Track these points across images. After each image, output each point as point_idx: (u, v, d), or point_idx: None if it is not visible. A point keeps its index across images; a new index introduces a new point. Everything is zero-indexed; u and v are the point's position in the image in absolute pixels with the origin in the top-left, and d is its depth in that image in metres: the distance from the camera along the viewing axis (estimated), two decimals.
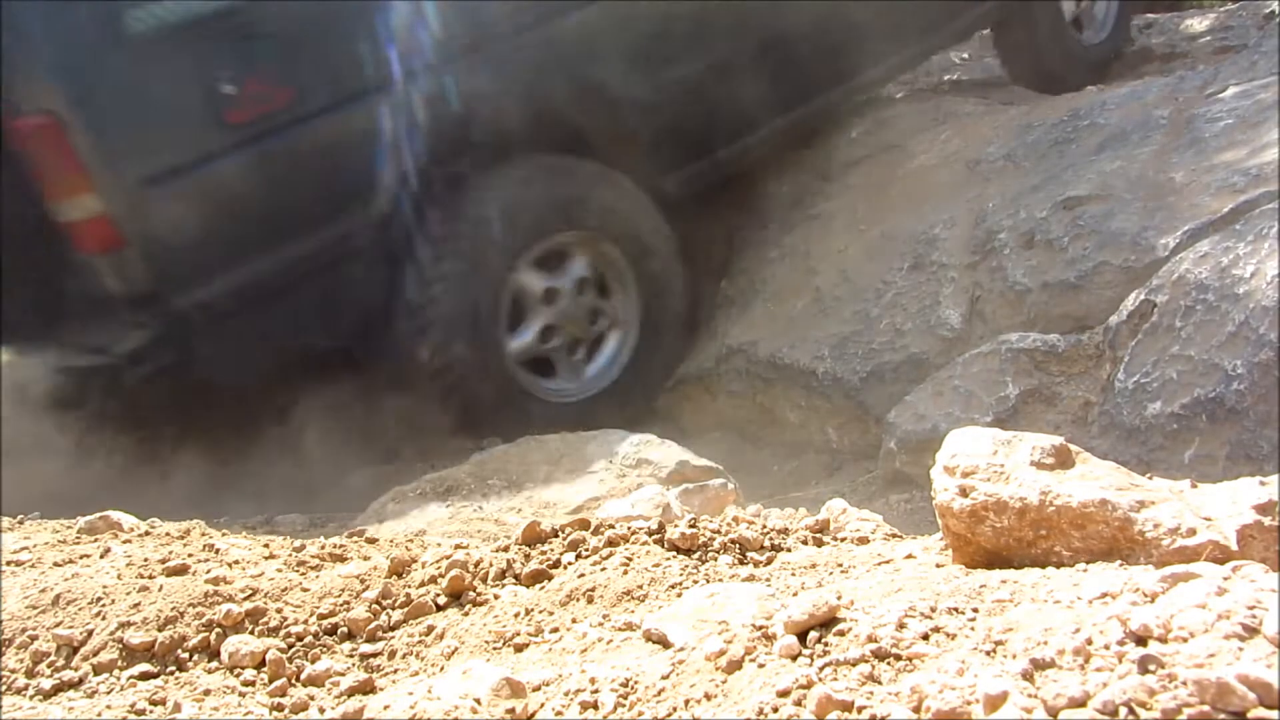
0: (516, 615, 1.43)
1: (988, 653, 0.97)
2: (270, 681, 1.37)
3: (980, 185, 3.50)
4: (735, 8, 3.84)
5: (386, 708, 1.19)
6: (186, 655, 1.43)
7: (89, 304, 3.12)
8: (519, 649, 1.35)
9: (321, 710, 1.27)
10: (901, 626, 1.04)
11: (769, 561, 1.54)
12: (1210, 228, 2.68)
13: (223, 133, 3.02)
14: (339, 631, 1.48)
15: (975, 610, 1.08)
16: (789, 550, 1.58)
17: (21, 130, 2.90)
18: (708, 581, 1.43)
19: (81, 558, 1.76)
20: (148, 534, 1.93)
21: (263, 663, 1.40)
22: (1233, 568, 1.02)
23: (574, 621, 1.38)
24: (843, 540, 1.63)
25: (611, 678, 1.12)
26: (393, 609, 1.51)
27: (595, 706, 1.08)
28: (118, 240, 2.94)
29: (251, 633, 1.47)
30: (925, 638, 1.02)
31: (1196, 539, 1.15)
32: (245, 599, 1.53)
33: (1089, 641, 0.91)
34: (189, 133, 3.01)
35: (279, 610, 1.51)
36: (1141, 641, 0.90)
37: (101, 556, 1.75)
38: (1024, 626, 1.00)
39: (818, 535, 1.66)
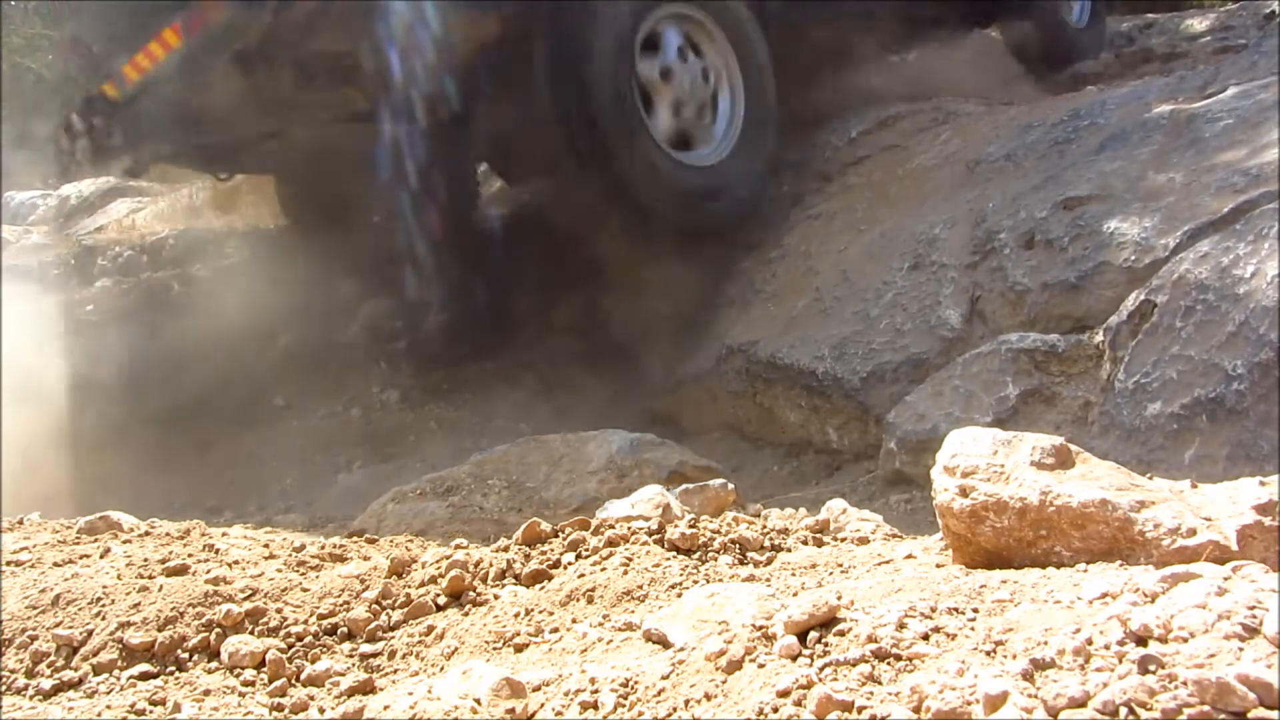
0: (516, 615, 1.43)
1: (988, 653, 0.97)
2: (270, 681, 1.37)
3: (980, 185, 3.50)
4: None
5: (386, 708, 1.19)
6: (186, 655, 1.43)
7: None
8: (519, 649, 1.34)
9: (321, 710, 1.27)
10: (901, 627, 1.04)
11: (769, 561, 1.54)
12: (1210, 228, 2.68)
13: None
14: (339, 631, 1.48)
15: (975, 610, 1.08)
16: (789, 550, 1.58)
17: None
18: (708, 581, 1.43)
19: (81, 558, 1.76)
20: (148, 534, 1.93)
21: (263, 663, 1.40)
22: (1233, 568, 1.02)
23: (574, 621, 1.38)
24: (843, 540, 1.63)
25: (611, 678, 1.11)
26: (393, 609, 1.51)
27: (595, 707, 1.08)
28: None
29: (251, 633, 1.46)
30: (925, 638, 1.02)
31: (1196, 539, 1.15)
32: (245, 599, 1.53)
33: (1089, 642, 0.91)
34: None
35: (279, 610, 1.51)
36: (1142, 641, 0.90)
37: (101, 556, 1.75)
38: (1024, 626, 1.00)
39: (818, 535, 1.66)
